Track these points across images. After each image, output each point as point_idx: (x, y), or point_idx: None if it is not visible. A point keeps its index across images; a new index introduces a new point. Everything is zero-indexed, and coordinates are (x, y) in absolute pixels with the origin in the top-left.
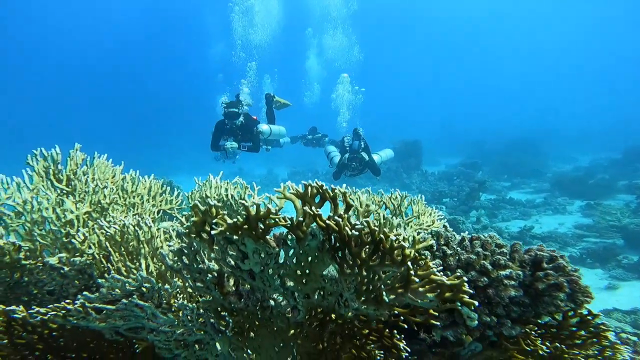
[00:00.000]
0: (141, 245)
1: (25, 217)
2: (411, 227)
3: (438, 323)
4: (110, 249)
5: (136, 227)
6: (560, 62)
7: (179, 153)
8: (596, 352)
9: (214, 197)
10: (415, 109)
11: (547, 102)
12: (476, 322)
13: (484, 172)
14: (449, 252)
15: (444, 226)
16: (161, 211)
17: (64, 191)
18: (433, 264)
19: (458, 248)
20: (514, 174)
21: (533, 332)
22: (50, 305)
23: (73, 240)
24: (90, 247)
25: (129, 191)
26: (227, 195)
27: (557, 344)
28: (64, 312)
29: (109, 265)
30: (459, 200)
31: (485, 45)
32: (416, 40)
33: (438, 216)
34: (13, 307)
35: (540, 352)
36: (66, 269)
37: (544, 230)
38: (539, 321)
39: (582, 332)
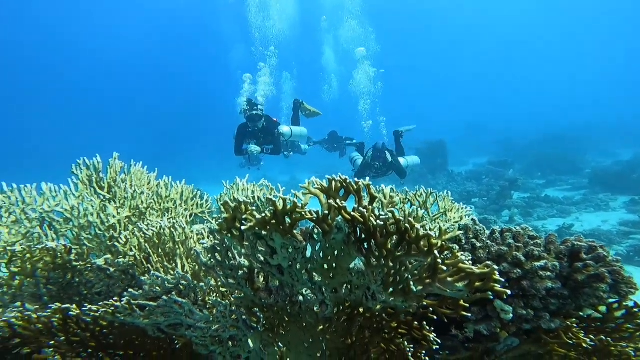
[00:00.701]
0: (176, 246)
1: (73, 222)
2: (438, 223)
3: (470, 315)
4: (149, 250)
5: (171, 229)
6: (594, 52)
7: (195, 162)
8: None
9: (246, 200)
10: (437, 108)
11: (581, 95)
12: (511, 315)
13: (515, 170)
14: (478, 244)
15: (473, 220)
16: (193, 215)
17: (106, 197)
18: (461, 254)
19: (488, 241)
20: (549, 170)
21: (575, 325)
22: (101, 303)
23: (116, 244)
24: (131, 250)
25: (163, 196)
26: (254, 197)
27: (603, 337)
28: (112, 309)
29: (149, 265)
30: (489, 200)
31: (510, 38)
32: (436, 36)
33: (466, 212)
34: (68, 305)
35: (584, 345)
36: (111, 269)
37: (585, 228)
38: (581, 314)
39: (629, 325)
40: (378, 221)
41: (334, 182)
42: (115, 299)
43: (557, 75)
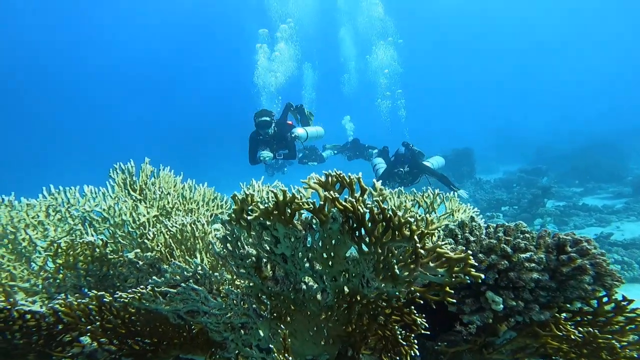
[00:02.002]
0: (197, 242)
1: (109, 221)
2: (427, 216)
3: (454, 300)
4: (173, 245)
5: (192, 226)
6: (634, 53)
7: (219, 166)
8: (636, 337)
9: (262, 200)
10: (465, 114)
11: (623, 99)
12: (501, 306)
13: (550, 178)
14: (472, 239)
15: (471, 217)
16: (213, 215)
17: (137, 198)
18: (445, 243)
19: (481, 235)
20: (587, 178)
21: (563, 317)
22: (129, 290)
23: (145, 240)
24: (158, 245)
25: (188, 198)
26: (268, 198)
27: (590, 329)
28: (139, 295)
29: (173, 259)
30: (519, 208)
31: (543, 40)
32: (463, 39)
33: (474, 212)
34: (103, 293)
35: (573, 337)
36: (140, 263)
37: (626, 237)
38: (574, 308)
39: (620, 318)
40: (365, 209)
41: (330, 177)
42: (141, 286)
43: (597, 79)
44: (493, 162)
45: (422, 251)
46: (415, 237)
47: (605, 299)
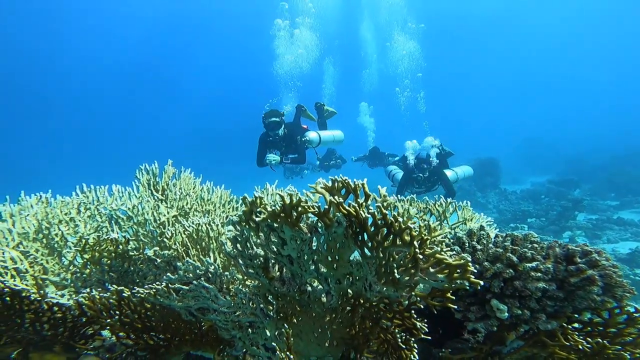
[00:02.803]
0: (211, 241)
1: (133, 219)
2: (457, 231)
3: (456, 307)
4: (188, 244)
5: (207, 227)
6: None
7: (239, 170)
8: None
9: (270, 203)
10: (491, 122)
11: None
12: (506, 314)
13: (583, 190)
14: (478, 247)
15: (481, 226)
16: (229, 216)
17: (160, 199)
18: (446, 250)
19: (488, 244)
20: (625, 191)
21: (570, 327)
22: (145, 286)
23: (164, 239)
24: (175, 243)
25: (205, 199)
26: (276, 201)
27: (599, 340)
28: (154, 291)
29: (188, 258)
30: (547, 220)
31: (578, 49)
32: (491, 43)
33: (487, 222)
34: (122, 288)
35: (581, 347)
36: (158, 260)
37: None
38: (584, 318)
39: (632, 330)
40: (367, 214)
41: (335, 182)
42: (157, 282)
43: (635, 88)
44: (520, 173)
45: (420, 256)
46: (415, 242)
47: (617, 310)
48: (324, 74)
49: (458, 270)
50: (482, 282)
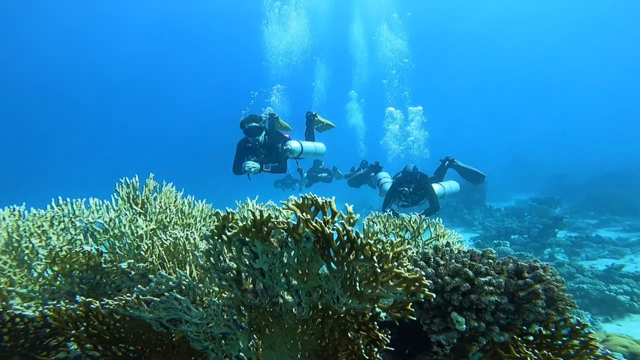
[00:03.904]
0: (187, 255)
1: (109, 232)
2: (428, 247)
3: (415, 318)
4: (165, 257)
5: (184, 240)
6: None
7: (226, 183)
8: None
9: (242, 218)
10: (478, 139)
11: None
12: (464, 326)
13: (563, 208)
14: (442, 262)
15: (447, 242)
16: (203, 232)
17: (139, 212)
18: (406, 265)
19: (451, 259)
20: (604, 210)
21: (520, 339)
22: (115, 297)
23: (141, 252)
24: (151, 256)
25: (186, 213)
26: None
27: (545, 352)
28: (124, 302)
29: (164, 270)
30: (529, 237)
31: (563, 65)
32: (480, 58)
33: (457, 238)
34: (91, 299)
35: (529, 359)
36: (132, 272)
37: (639, 269)
38: (534, 331)
39: (575, 342)
40: (331, 231)
41: (305, 199)
42: (128, 294)
43: (619, 109)
44: (506, 191)
45: (379, 270)
46: (375, 257)
47: (562, 323)
48: (315, 71)
49: (415, 284)
50: (434, 295)
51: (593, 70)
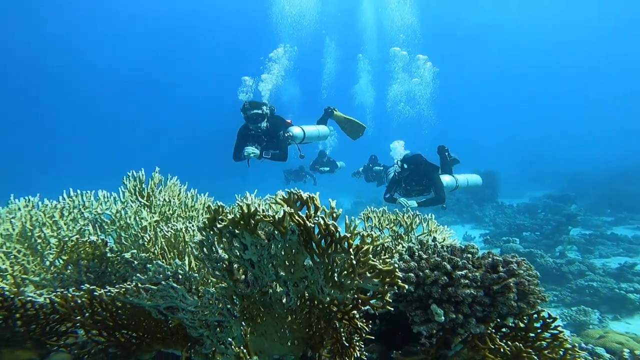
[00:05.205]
0: (187, 246)
1: (116, 223)
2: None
3: (392, 309)
4: (165, 248)
5: (184, 231)
6: None
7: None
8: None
9: (230, 211)
10: (493, 136)
11: None
12: (442, 318)
13: (579, 206)
14: (424, 256)
15: (433, 237)
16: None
17: (144, 204)
18: (384, 258)
19: (433, 254)
20: (621, 208)
21: (494, 332)
22: (117, 286)
23: (145, 243)
24: (154, 247)
25: (189, 206)
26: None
27: (518, 343)
28: (124, 290)
29: (164, 260)
30: (541, 235)
31: (581, 63)
32: (494, 54)
33: (450, 234)
34: (94, 287)
35: (502, 350)
36: (135, 262)
37: None
38: (509, 323)
39: (546, 334)
40: (311, 224)
41: (291, 195)
42: (127, 282)
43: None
44: (519, 187)
45: (355, 262)
46: (351, 250)
47: (535, 316)
48: (324, 49)
49: (390, 275)
50: (406, 286)
51: (614, 63)
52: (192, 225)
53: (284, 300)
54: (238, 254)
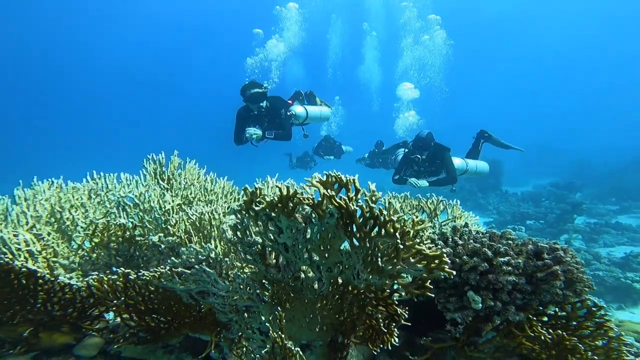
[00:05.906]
0: (212, 230)
1: (139, 206)
2: (446, 227)
3: (432, 295)
4: (191, 231)
5: (210, 215)
6: None
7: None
8: (604, 343)
9: (269, 194)
10: (498, 122)
11: None
12: (480, 305)
13: (584, 194)
14: (460, 242)
15: (465, 223)
16: (230, 207)
17: (165, 187)
18: (427, 242)
19: (469, 239)
20: (626, 196)
21: (535, 319)
22: (151, 269)
23: (168, 226)
24: (179, 231)
25: (209, 190)
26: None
27: (559, 332)
28: (158, 274)
29: (190, 244)
30: (545, 223)
31: (590, 53)
32: (503, 45)
33: (475, 220)
34: (129, 271)
35: (543, 338)
36: (162, 246)
37: None
38: (550, 311)
39: (589, 323)
40: (356, 207)
41: (329, 177)
42: (161, 266)
43: None
44: (524, 175)
45: (401, 246)
46: (397, 234)
47: (578, 305)
48: (330, 27)
49: (435, 261)
50: (454, 272)
51: (621, 56)
52: (217, 209)
53: (316, 286)
54: (272, 237)
